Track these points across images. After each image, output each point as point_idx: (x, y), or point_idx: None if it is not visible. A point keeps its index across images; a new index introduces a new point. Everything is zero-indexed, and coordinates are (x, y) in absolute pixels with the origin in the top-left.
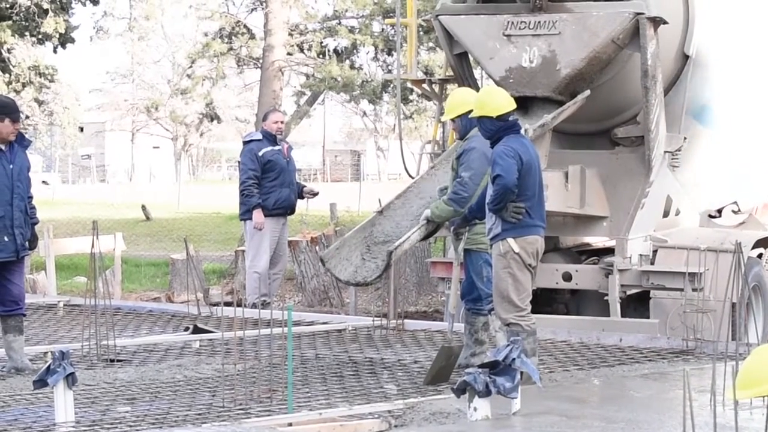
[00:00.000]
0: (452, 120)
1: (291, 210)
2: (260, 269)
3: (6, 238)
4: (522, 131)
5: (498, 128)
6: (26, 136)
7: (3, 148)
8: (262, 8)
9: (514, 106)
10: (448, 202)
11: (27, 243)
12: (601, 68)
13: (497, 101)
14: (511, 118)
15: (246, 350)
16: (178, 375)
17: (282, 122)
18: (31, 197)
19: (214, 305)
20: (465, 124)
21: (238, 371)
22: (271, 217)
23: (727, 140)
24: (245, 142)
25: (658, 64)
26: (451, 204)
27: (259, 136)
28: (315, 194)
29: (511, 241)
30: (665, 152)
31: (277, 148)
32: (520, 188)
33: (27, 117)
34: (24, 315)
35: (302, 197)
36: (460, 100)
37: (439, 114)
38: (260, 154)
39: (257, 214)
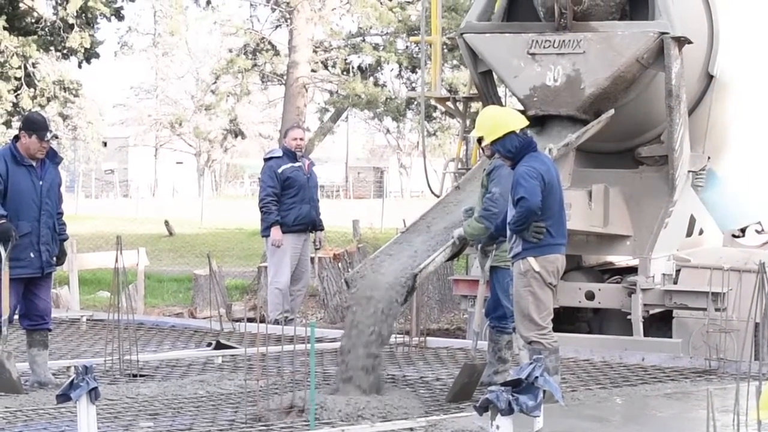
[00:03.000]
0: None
1: (312, 226)
2: (281, 285)
3: (32, 254)
4: (546, 150)
5: (522, 144)
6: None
7: (33, 164)
8: (287, 25)
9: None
10: (479, 219)
11: (54, 259)
12: (626, 87)
13: (515, 114)
14: (528, 133)
15: (268, 366)
16: (200, 390)
17: (301, 139)
18: (61, 213)
19: (237, 321)
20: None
21: (260, 387)
22: (292, 234)
23: (752, 160)
24: (266, 159)
25: (683, 84)
26: (483, 221)
27: (280, 153)
28: (317, 248)
29: (531, 260)
30: (689, 171)
31: (297, 164)
32: (542, 208)
33: (56, 137)
34: (49, 330)
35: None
36: (499, 121)
37: (463, 132)
38: (279, 171)
39: (275, 231)
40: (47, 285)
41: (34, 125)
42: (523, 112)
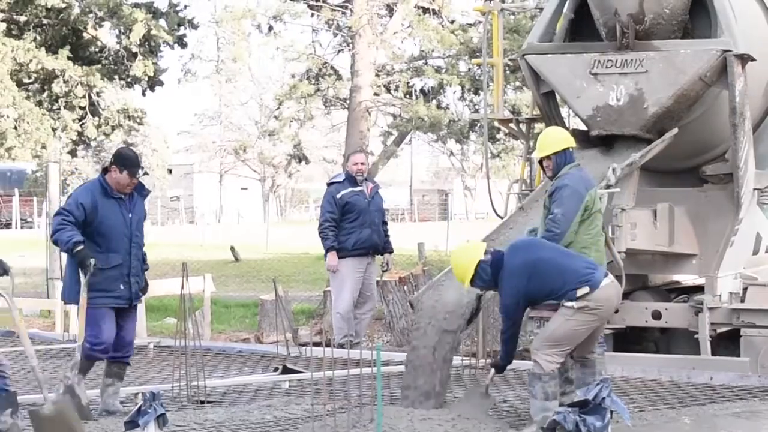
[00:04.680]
0: (546, 158)
1: (374, 250)
2: (342, 309)
3: (122, 286)
4: (610, 170)
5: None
6: (145, 186)
7: (123, 197)
8: (349, 50)
9: None
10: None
11: (141, 290)
12: (689, 106)
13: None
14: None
15: (335, 390)
16: (267, 415)
17: (363, 163)
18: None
19: (303, 345)
20: (559, 162)
21: (327, 411)
22: (352, 258)
23: None
24: (328, 185)
25: (746, 101)
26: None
27: (341, 178)
28: (384, 270)
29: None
30: (754, 189)
31: (358, 189)
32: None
33: (146, 174)
34: (128, 364)
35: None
36: (555, 138)
37: (527, 153)
38: (338, 196)
39: (330, 257)
40: (133, 316)
41: (126, 162)
42: (587, 132)
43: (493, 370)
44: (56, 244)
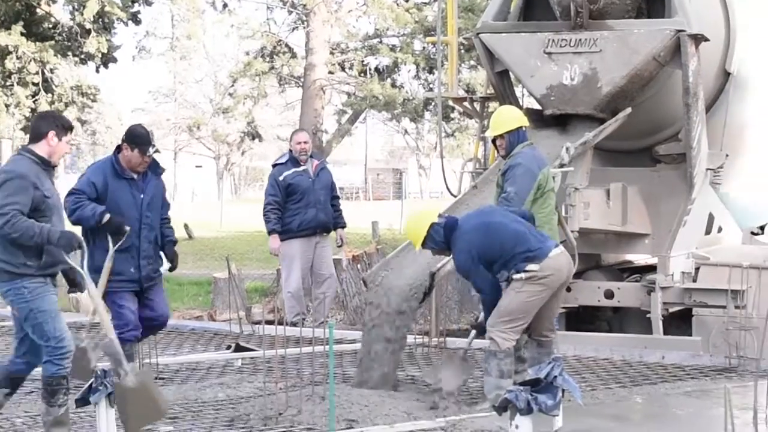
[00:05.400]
0: (499, 137)
1: (322, 229)
2: (292, 288)
3: (132, 269)
4: (563, 149)
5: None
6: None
7: (135, 176)
8: (304, 27)
9: None
10: None
11: (157, 272)
12: (643, 85)
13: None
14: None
15: (288, 368)
16: (220, 393)
17: (305, 142)
18: (167, 219)
19: (256, 324)
20: (512, 141)
21: (279, 389)
22: (299, 239)
23: None
24: (273, 167)
25: (700, 81)
26: None
27: (285, 159)
28: (339, 246)
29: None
30: (707, 169)
31: (301, 169)
32: None
33: (158, 151)
34: (137, 339)
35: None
36: (508, 117)
37: (481, 132)
38: (281, 178)
39: (272, 240)
40: (158, 289)
41: (137, 139)
42: (540, 112)
43: (474, 332)
44: (78, 223)
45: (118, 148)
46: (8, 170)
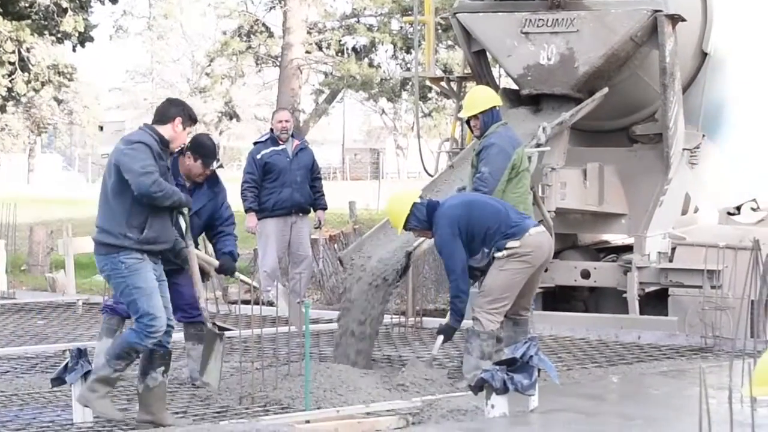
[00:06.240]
0: (473, 117)
1: (298, 209)
2: (268, 268)
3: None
4: (540, 129)
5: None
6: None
7: (187, 184)
8: (281, 6)
9: None
10: None
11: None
12: (620, 65)
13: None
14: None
15: (264, 348)
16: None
17: (286, 120)
18: (222, 232)
19: (233, 303)
20: (486, 121)
21: (256, 369)
22: (273, 218)
23: (747, 137)
24: (253, 144)
25: (677, 62)
26: None
27: (265, 138)
28: (316, 227)
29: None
30: (684, 149)
31: (279, 148)
32: None
33: (221, 166)
34: (203, 323)
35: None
36: (481, 97)
37: (458, 112)
38: (258, 156)
39: (249, 219)
40: (184, 275)
41: (203, 150)
42: (517, 92)
43: (441, 337)
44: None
45: (180, 152)
46: (136, 139)
